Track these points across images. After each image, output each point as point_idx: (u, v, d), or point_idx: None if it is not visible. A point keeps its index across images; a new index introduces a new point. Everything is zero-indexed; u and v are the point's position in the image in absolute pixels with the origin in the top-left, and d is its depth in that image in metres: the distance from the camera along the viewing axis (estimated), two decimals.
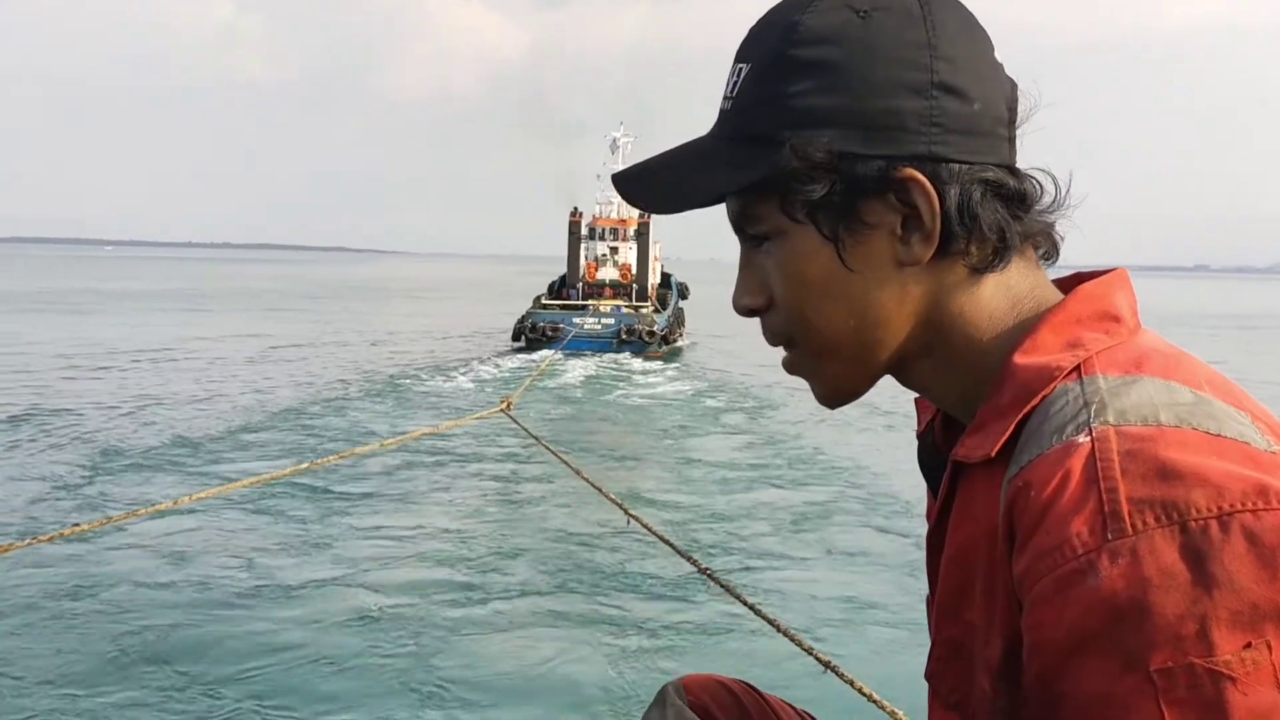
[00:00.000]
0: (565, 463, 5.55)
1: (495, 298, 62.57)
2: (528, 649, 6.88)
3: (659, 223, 37.25)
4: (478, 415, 8.42)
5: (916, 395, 1.06)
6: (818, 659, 3.22)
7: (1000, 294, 0.94)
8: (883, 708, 2.95)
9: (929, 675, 0.98)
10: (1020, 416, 0.87)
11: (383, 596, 7.81)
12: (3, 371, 21.21)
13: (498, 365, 25.13)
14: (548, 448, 5.93)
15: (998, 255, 0.93)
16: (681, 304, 36.20)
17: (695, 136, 1.00)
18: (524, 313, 30.90)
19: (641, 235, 36.54)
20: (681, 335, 33.41)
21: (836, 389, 0.99)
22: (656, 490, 11.82)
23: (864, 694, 3.07)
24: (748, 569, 8.74)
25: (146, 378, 21.11)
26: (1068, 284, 0.98)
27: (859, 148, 0.89)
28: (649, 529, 4.63)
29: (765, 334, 1.00)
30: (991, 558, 0.86)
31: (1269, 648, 0.71)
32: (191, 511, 9.49)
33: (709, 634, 7.17)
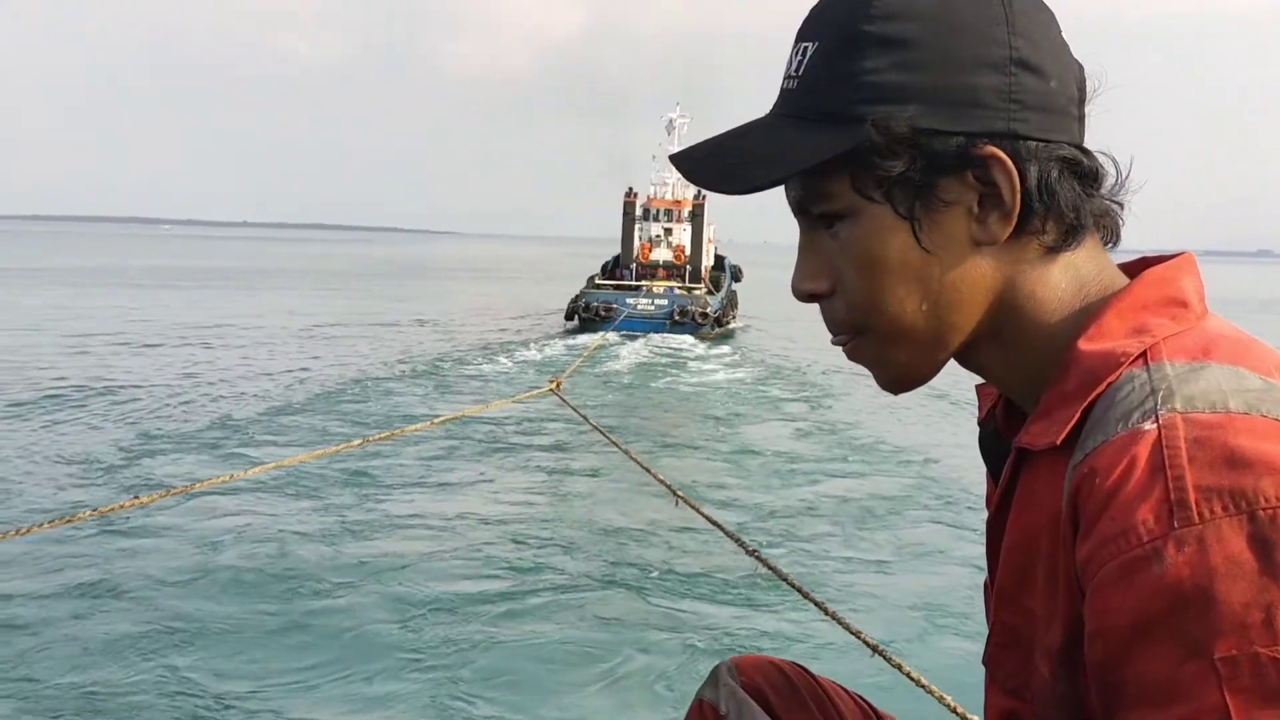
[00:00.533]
0: (614, 443, 5.56)
1: (546, 279, 62.84)
2: (577, 629, 6.92)
3: (713, 205, 37.17)
4: (527, 394, 8.46)
5: (979, 383, 1.06)
6: (866, 643, 3.20)
7: (1069, 276, 0.94)
8: (930, 692, 2.94)
9: (987, 660, 0.98)
10: (1086, 404, 0.86)
11: (430, 574, 7.89)
12: (67, 348, 21.72)
13: (549, 346, 25.24)
14: (596, 427, 5.94)
15: (1072, 234, 0.93)
16: (735, 287, 36.11)
17: (754, 117, 0.98)
18: (578, 292, 31.02)
19: (696, 217, 36.46)
20: (734, 318, 33.34)
21: (905, 376, 0.98)
22: (707, 474, 11.81)
23: (912, 678, 3.05)
24: (798, 554, 8.71)
25: (200, 355, 21.50)
26: (1133, 269, 0.97)
27: (939, 124, 0.89)
28: (698, 510, 4.62)
29: (828, 322, 0.98)
30: (1054, 544, 0.86)
31: None
32: (237, 489, 9.65)
33: (758, 617, 7.16)
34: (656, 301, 30.23)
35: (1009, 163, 0.89)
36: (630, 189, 37.38)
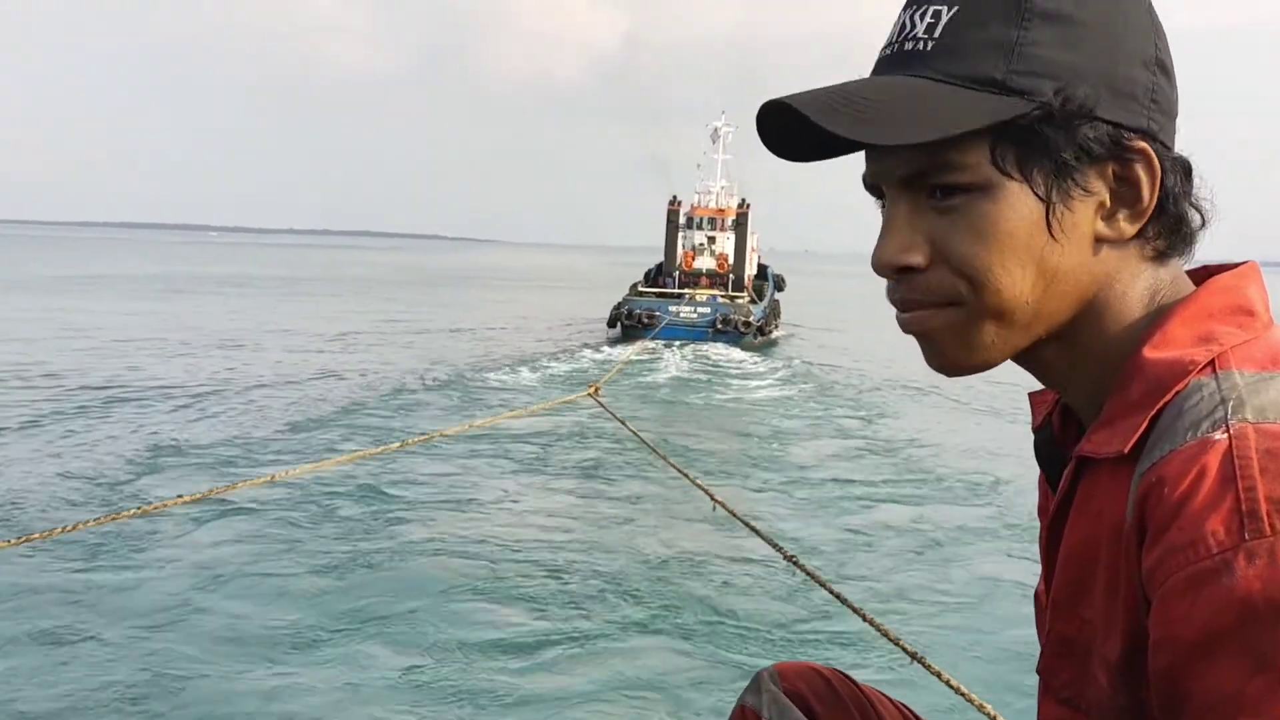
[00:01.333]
0: (651, 448, 5.57)
1: (589, 287, 63.05)
2: (617, 635, 6.94)
3: (756, 214, 37.14)
4: (565, 399, 8.51)
5: (1031, 390, 1.05)
6: (905, 650, 3.18)
7: (1153, 283, 0.93)
8: (970, 701, 2.91)
9: (1041, 670, 0.97)
10: (1154, 412, 0.85)
11: (467, 577, 7.95)
12: (107, 354, 22.12)
13: (591, 353, 25.29)
14: (634, 432, 5.96)
15: (1183, 244, 0.93)
16: (778, 296, 36.03)
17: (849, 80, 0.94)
18: (620, 300, 31.09)
19: (740, 225, 36.46)
20: (777, 327, 33.25)
21: (975, 359, 0.94)
22: (747, 483, 11.78)
23: (952, 686, 3.03)
24: (837, 561, 8.66)
25: (237, 360, 21.77)
26: (1196, 277, 0.96)
27: (1101, 110, 0.88)
28: (735, 515, 4.61)
29: (907, 293, 0.93)
30: (1115, 554, 0.85)
31: None
32: (277, 490, 9.77)
33: (798, 624, 7.14)
34: (699, 310, 30.22)
35: (1155, 160, 0.89)
36: (674, 197, 37.45)
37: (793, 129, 0.91)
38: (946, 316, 0.92)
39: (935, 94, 0.88)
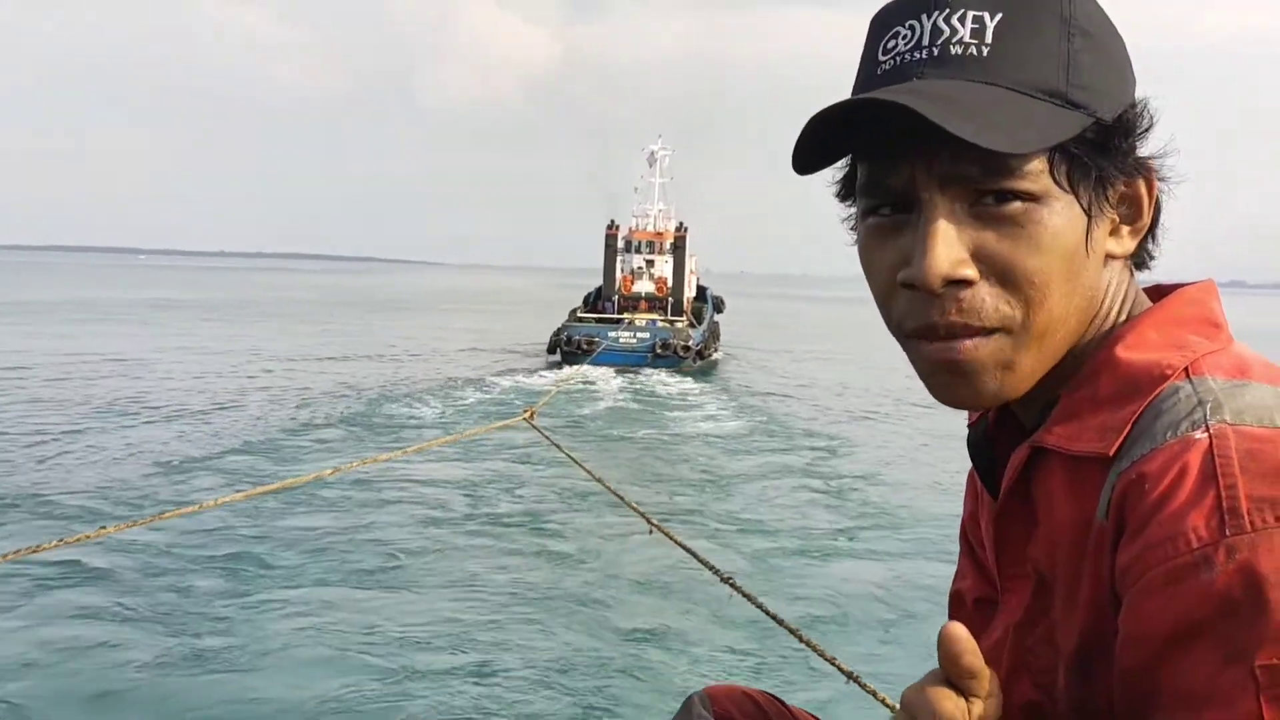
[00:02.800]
0: (587, 471, 5.55)
1: (528, 310, 62.84)
2: (547, 659, 6.89)
3: (693, 236, 37.39)
4: (499, 424, 8.47)
5: None
6: (840, 669, 3.19)
7: (1124, 295, 0.97)
8: None
9: (1026, 650, 0.96)
10: (1137, 414, 0.86)
11: (395, 601, 7.91)
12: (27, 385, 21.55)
13: (529, 379, 25.18)
14: (569, 455, 5.94)
15: (1150, 257, 0.98)
16: (717, 318, 36.24)
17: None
18: (559, 326, 31.06)
19: (678, 249, 36.67)
20: (717, 350, 33.42)
21: (1008, 389, 0.91)
22: (683, 503, 11.80)
23: (887, 705, 3.04)
24: (773, 582, 8.70)
25: (169, 386, 21.37)
26: (1152, 295, 1.00)
27: (1137, 128, 0.92)
28: (671, 537, 4.62)
29: (960, 316, 0.88)
30: (1079, 552, 0.87)
31: None
32: (200, 524, 9.56)
33: (733, 645, 7.16)
34: (639, 335, 30.28)
35: (1154, 178, 0.93)
36: (612, 221, 37.60)
37: (826, 135, 0.89)
38: (996, 344, 0.89)
39: (1018, 103, 0.87)
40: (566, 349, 28.97)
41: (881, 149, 0.89)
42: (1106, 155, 0.89)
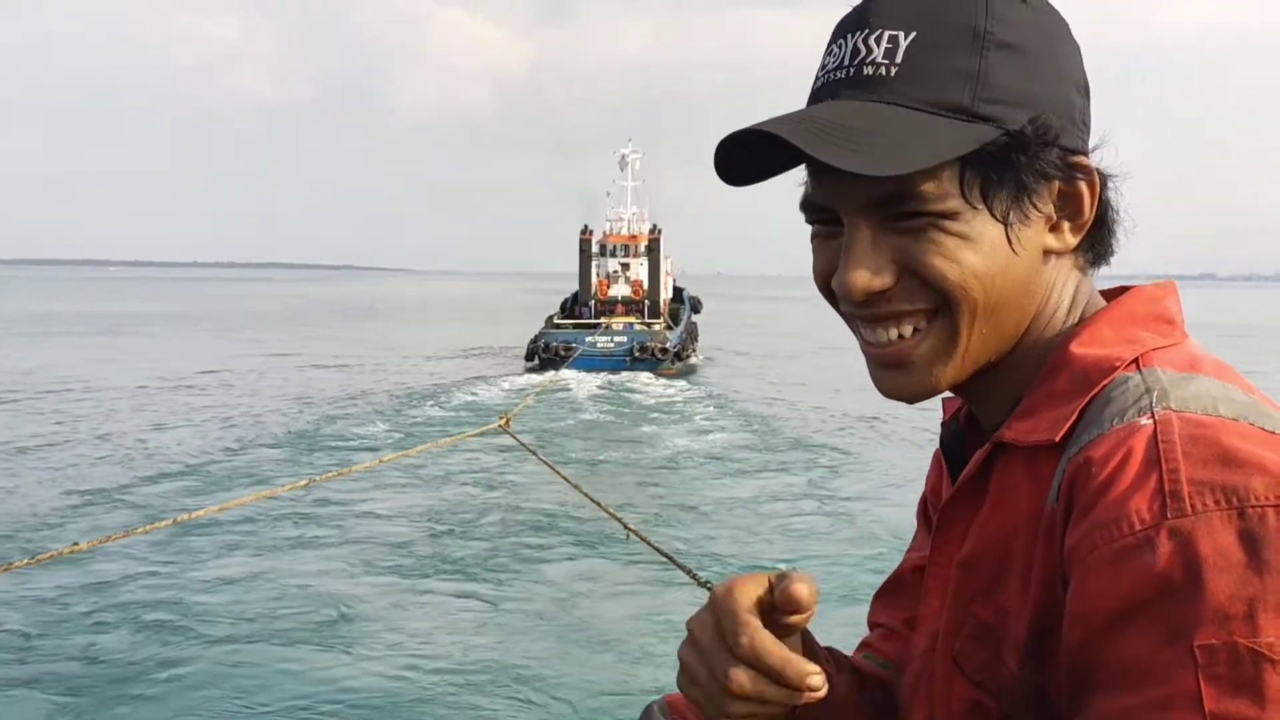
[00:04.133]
0: (563, 477, 5.60)
1: (504, 316, 62.66)
2: (517, 663, 6.95)
3: (668, 238, 37.46)
4: (476, 431, 8.49)
5: (947, 395, 1.07)
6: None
7: (1080, 295, 1.00)
8: None
9: (956, 652, 0.98)
10: (1085, 402, 0.90)
11: (373, 608, 7.93)
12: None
13: (507, 386, 25.13)
14: (546, 462, 5.99)
15: (1104, 254, 1.01)
16: (695, 318, 36.28)
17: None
18: (537, 332, 31.04)
19: (653, 251, 36.73)
20: (695, 351, 33.47)
21: (939, 377, 0.97)
22: (659, 509, 11.84)
23: None
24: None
25: (151, 402, 21.24)
26: (1115, 294, 1.02)
27: (1061, 135, 0.94)
28: (647, 542, 4.68)
29: (886, 308, 0.96)
30: (1032, 539, 0.89)
31: None
32: (176, 535, 9.56)
33: None
34: (616, 339, 30.26)
35: (1097, 177, 0.96)
36: (585, 226, 37.62)
37: (746, 154, 0.94)
38: (926, 338, 0.96)
39: (915, 121, 0.90)
40: (544, 355, 28.93)
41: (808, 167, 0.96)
42: (1023, 162, 0.92)
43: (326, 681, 6.64)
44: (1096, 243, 1.00)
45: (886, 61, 0.92)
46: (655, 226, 37.70)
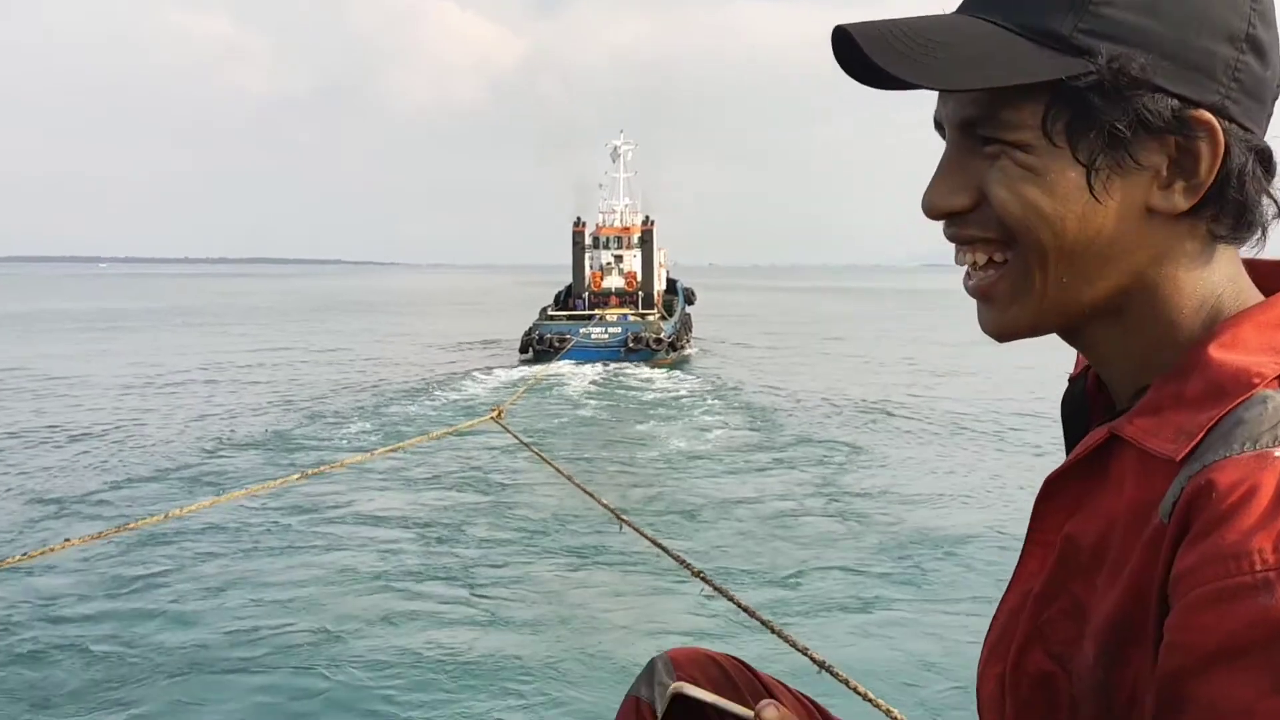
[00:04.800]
0: (555, 468, 5.57)
1: (498, 308, 62.67)
2: (508, 655, 7.00)
3: (660, 230, 37.47)
4: (468, 424, 8.47)
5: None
6: (812, 659, 3.22)
7: (1212, 271, 0.92)
8: (878, 706, 2.96)
9: (1044, 621, 0.95)
10: (1217, 418, 0.84)
11: (370, 599, 7.93)
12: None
13: (501, 379, 25.12)
14: (538, 454, 5.96)
15: (1244, 230, 0.91)
16: (688, 310, 36.33)
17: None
18: (531, 324, 31.09)
19: (646, 242, 36.78)
20: (689, 342, 33.51)
21: (1025, 317, 0.94)
22: (652, 499, 11.84)
23: (859, 693, 3.08)
24: (748, 583, 8.75)
25: (145, 397, 21.22)
26: (1273, 269, 0.97)
27: (1165, 81, 0.86)
28: (641, 533, 4.65)
29: (961, 230, 0.94)
30: (1131, 543, 0.86)
31: None
32: (171, 529, 9.54)
33: (703, 637, 7.21)
34: (610, 330, 30.33)
35: (1220, 136, 0.86)
36: (579, 218, 37.67)
37: (861, 58, 0.91)
38: (1004, 273, 0.93)
39: (1002, 41, 0.87)
40: (539, 347, 28.97)
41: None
42: (1113, 106, 0.86)
43: (318, 674, 6.64)
44: (1230, 217, 0.89)
45: None
46: (648, 218, 37.73)
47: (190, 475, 12.91)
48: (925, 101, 0.98)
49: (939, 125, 0.97)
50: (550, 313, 33.87)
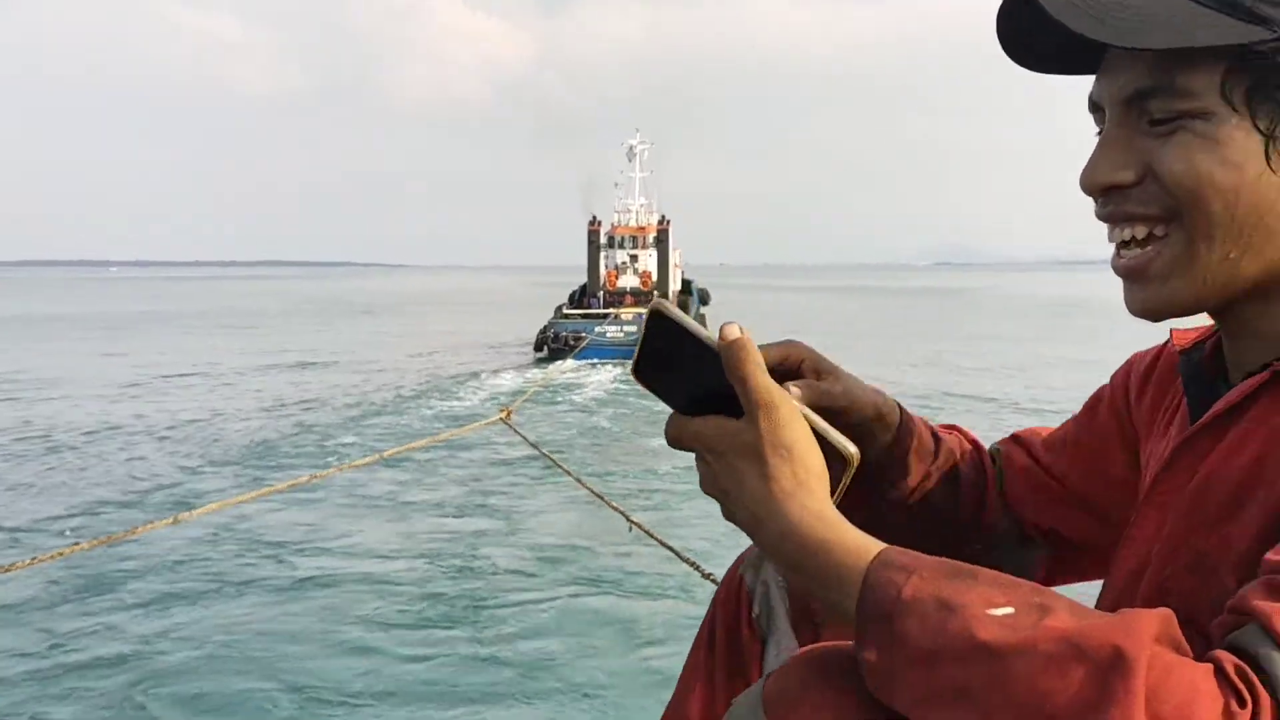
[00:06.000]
0: (564, 470, 5.60)
1: (509, 309, 62.75)
2: (515, 659, 6.96)
3: (676, 230, 37.55)
4: (476, 425, 8.50)
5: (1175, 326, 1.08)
6: None
7: None
8: None
9: (1166, 577, 0.96)
10: None
11: (378, 604, 7.91)
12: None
13: (514, 377, 25.12)
14: (545, 454, 5.99)
15: None
16: (703, 310, 36.38)
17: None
18: (546, 322, 31.22)
19: (661, 242, 36.93)
20: None
21: (1187, 294, 0.95)
22: (669, 503, 11.82)
23: None
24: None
25: (162, 400, 21.27)
26: None
27: None
28: (651, 535, 4.66)
29: (1121, 207, 0.96)
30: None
31: None
32: (177, 534, 9.56)
33: None
34: (625, 328, 30.40)
35: None
36: (594, 217, 37.82)
37: (1032, 28, 0.94)
38: (1165, 248, 0.93)
39: (1183, 8, 0.89)
40: (554, 345, 29.03)
41: (1080, 59, 0.98)
42: None
43: (323, 677, 6.64)
44: None
45: None
46: (664, 217, 37.84)
47: (189, 480, 12.92)
48: (931, 101, 0.98)
49: (1094, 107, 0.99)
50: (565, 311, 33.99)
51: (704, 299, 37.71)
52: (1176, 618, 0.88)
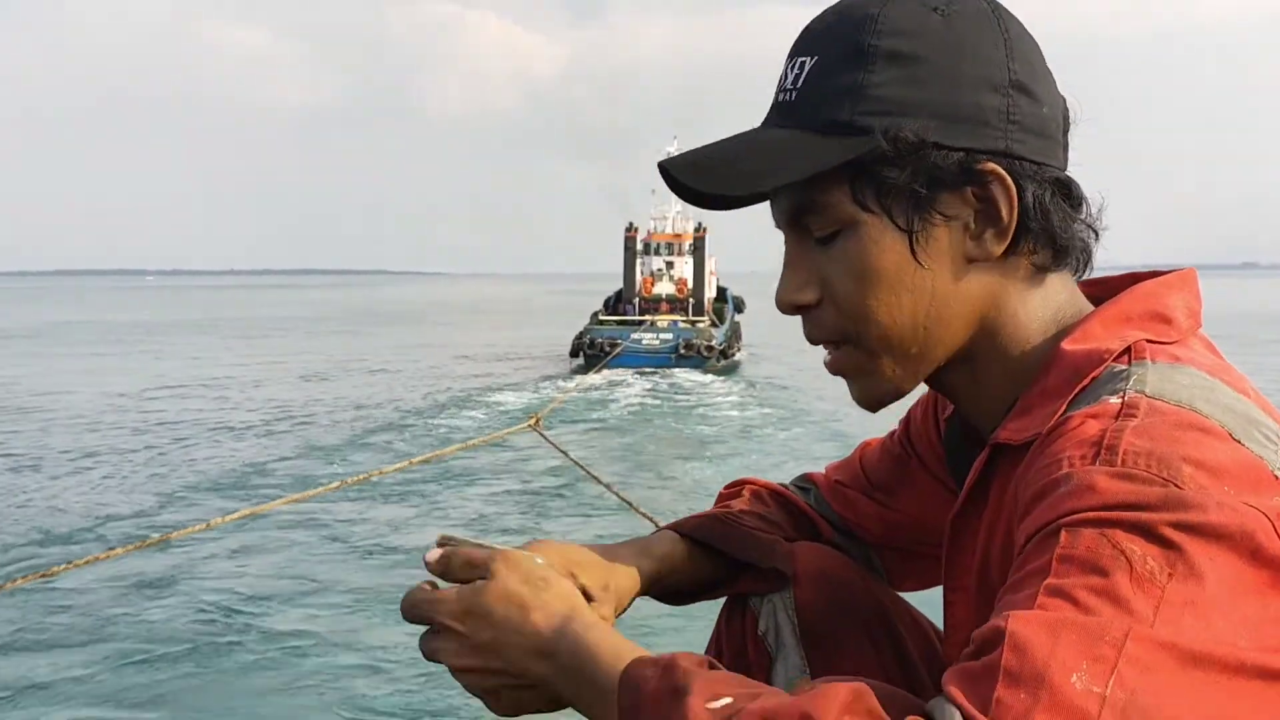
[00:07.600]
0: (593, 476, 5.62)
1: (543, 316, 62.85)
2: None
3: (713, 237, 37.51)
4: (505, 431, 8.55)
5: None
6: None
7: (1047, 299, 1.00)
8: None
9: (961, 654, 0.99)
10: (1072, 396, 0.91)
11: (392, 614, 7.94)
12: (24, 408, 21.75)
13: (549, 385, 25.19)
14: (575, 462, 6.00)
15: (1061, 255, 0.99)
16: (738, 318, 36.28)
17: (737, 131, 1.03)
18: (582, 329, 31.34)
19: (697, 250, 36.88)
20: (739, 349, 33.45)
21: (885, 390, 1.03)
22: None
23: None
24: None
25: (174, 408, 21.54)
26: (1122, 282, 1.03)
27: (944, 138, 0.94)
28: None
29: (810, 330, 1.03)
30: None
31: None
32: (210, 537, 9.69)
33: None
34: (661, 336, 30.38)
35: (1009, 180, 0.95)
36: (631, 224, 37.88)
37: (692, 193, 1.02)
38: (846, 354, 1.02)
39: (796, 142, 0.97)
40: (590, 352, 29.01)
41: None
42: (903, 170, 0.94)
43: (349, 689, 6.71)
44: (1044, 248, 0.98)
45: (792, 88, 0.99)
46: (700, 225, 37.78)
47: (224, 485, 13.15)
48: None
49: (780, 227, 1.05)
50: (601, 317, 34.04)
51: (739, 306, 37.54)
52: None
